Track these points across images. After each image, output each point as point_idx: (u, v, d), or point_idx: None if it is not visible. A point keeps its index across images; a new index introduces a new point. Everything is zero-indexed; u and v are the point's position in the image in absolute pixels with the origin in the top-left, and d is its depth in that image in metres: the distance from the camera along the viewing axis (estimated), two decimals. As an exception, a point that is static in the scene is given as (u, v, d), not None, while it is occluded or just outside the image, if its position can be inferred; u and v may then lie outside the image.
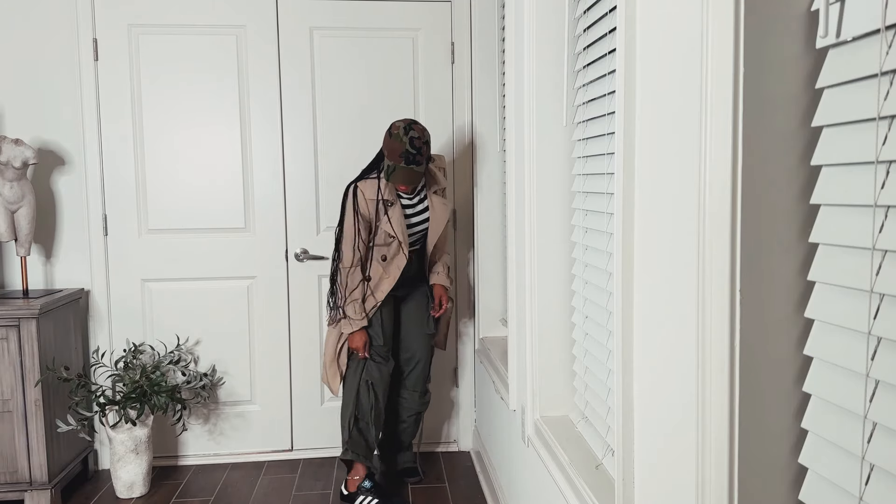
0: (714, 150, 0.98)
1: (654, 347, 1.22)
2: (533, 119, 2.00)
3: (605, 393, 1.70)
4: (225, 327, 3.36)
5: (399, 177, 2.68)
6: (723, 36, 0.95)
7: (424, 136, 2.67)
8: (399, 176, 2.68)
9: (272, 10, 3.26)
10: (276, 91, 3.29)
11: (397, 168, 2.66)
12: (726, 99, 0.94)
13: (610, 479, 1.62)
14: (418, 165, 2.66)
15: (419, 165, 2.66)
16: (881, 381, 0.80)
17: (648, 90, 1.22)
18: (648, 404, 1.26)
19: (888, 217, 0.79)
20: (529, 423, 2.11)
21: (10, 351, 2.80)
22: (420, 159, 2.65)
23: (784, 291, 0.96)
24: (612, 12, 1.59)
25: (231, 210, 3.32)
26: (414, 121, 2.70)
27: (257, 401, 3.41)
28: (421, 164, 2.67)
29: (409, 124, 2.67)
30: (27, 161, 2.94)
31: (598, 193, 1.73)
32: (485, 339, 3.19)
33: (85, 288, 3.26)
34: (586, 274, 1.82)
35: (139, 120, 3.25)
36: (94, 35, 3.18)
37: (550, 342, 2.07)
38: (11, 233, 2.99)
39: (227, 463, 3.39)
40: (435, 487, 3.11)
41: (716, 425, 1.00)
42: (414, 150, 2.63)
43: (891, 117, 0.78)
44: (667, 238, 1.16)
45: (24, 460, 2.83)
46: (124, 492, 3.02)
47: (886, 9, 0.76)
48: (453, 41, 3.35)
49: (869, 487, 0.81)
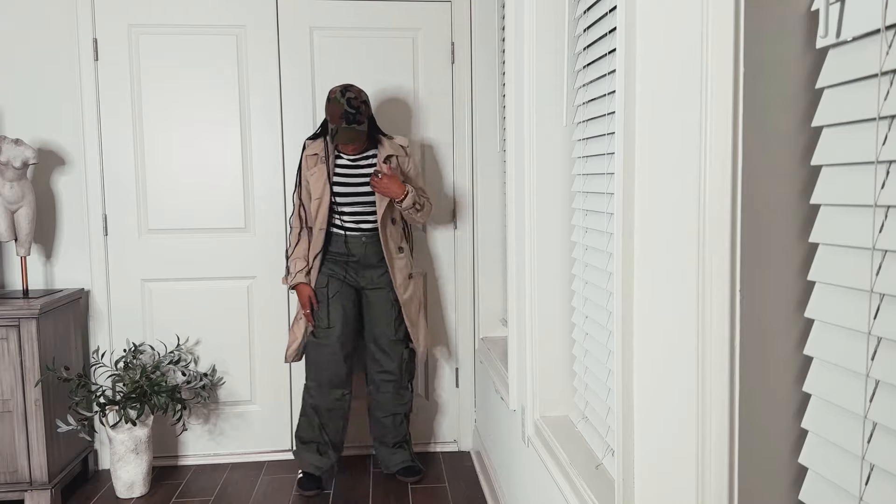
0: (714, 150, 0.98)
1: (654, 347, 1.22)
2: (533, 119, 2.00)
3: (605, 393, 1.70)
4: (225, 327, 3.36)
5: (343, 136, 2.78)
6: (723, 36, 0.94)
7: (361, 97, 2.79)
8: (343, 136, 2.78)
9: (272, 10, 3.26)
10: (276, 91, 3.29)
11: (339, 129, 2.77)
12: (726, 99, 0.94)
13: (610, 479, 1.62)
14: (359, 124, 2.77)
15: (360, 124, 2.77)
16: (881, 381, 0.80)
17: (648, 90, 1.22)
18: (648, 404, 1.26)
19: (888, 217, 0.79)
20: (529, 423, 2.11)
21: (10, 351, 2.80)
22: (360, 118, 2.76)
23: (784, 291, 0.96)
24: (612, 12, 1.59)
25: (231, 210, 3.32)
26: (350, 84, 2.84)
27: (257, 401, 3.41)
28: (362, 124, 2.78)
29: (346, 87, 2.80)
30: (27, 161, 2.94)
31: (598, 193, 1.73)
32: (485, 339, 3.19)
33: (85, 288, 3.26)
34: (586, 274, 1.82)
35: (139, 120, 3.25)
36: (94, 35, 3.18)
37: (550, 342, 2.07)
38: (11, 233, 2.99)
39: (227, 463, 3.39)
40: (435, 487, 3.11)
41: (716, 425, 1.00)
42: (353, 109, 2.75)
43: (891, 117, 0.78)
44: (667, 238, 1.16)
45: (24, 460, 2.83)
46: (124, 492, 3.02)
47: (886, 9, 0.76)
48: (453, 41, 3.35)
49: (869, 487, 0.81)
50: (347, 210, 2.92)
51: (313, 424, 3.02)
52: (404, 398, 3.11)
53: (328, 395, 3.00)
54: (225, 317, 3.36)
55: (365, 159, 2.94)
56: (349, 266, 2.98)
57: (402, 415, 3.12)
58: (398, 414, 3.11)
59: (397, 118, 3.35)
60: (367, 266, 2.98)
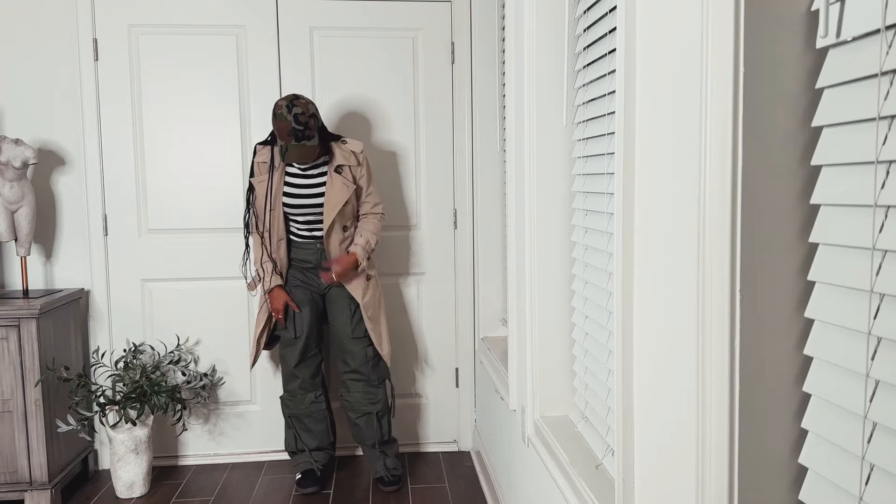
0: (714, 151, 0.98)
1: (654, 347, 1.22)
2: (533, 119, 2.00)
3: (605, 393, 1.70)
4: (225, 327, 3.36)
5: (293, 155, 2.68)
6: (723, 36, 0.94)
7: (309, 110, 2.68)
8: (293, 154, 2.68)
9: (272, 10, 3.26)
10: (276, 91, 3.29)
11: (289, 147, 2.67)
12: (726, 99, 0.94)
13: (610, 479, 1.62)
14: (309, 140, 2.66)
15: (310, 140, 2.67)
16: (881, 381, 0.80)
17: (648, 90, 1.22)
18: (648, 404, 1.26)
19: (888, 217, 0.79)
20: (529, 423, 2.11)
21: (10, 351, 2.80)
22: (310, 133, 2.66)
23: (784, 291, 0.96)
24: (612, 12, 1.59)
25: (231, 210, 3.32)
26: (296, 96, 2.71)
27: (257, 401, 3.41)
28: (312, 139, 2.67)
29: (291, 101, 2.67)
30: (27, 161, 2.94)
31: (598, 193, 1.73)
32: (485, 339, 3.19)
33: (85, 288, 3.26)
34: (586, 274, 1.82)
35: (139, 120, 3.25)
36: (94, 35, 3.18)
37: (550, 342, 2.07)
38: (11, 233, 2.99)
39: (227, 463, 3.39)
40: (435, 487, 3.11)
41: (716, 425, 1.00)
42: (301, 126, 2.64)
43: (891, 117, 0.78)
44: (667, 238, 1.16)
45: (24, 460, 2.83)
46: (124, 492, 3.02)
47: (886, 9, 0.76)
48: (453, 41, 3.35)
49: (869, 487, 0.81)
50: (300, 219, 2.90)
51: (297, 435, 3.07)
52: (376, 396, 3.02)
53: (301, 401, 3.03)
54: (225, 317, 3.36)
55: (315, 167, 2.88)
56: (307, 272, 2.99)
57: (374, 414, 3.03)
58: (370, 413, 3.02)
59: (397, 118, 3.35)
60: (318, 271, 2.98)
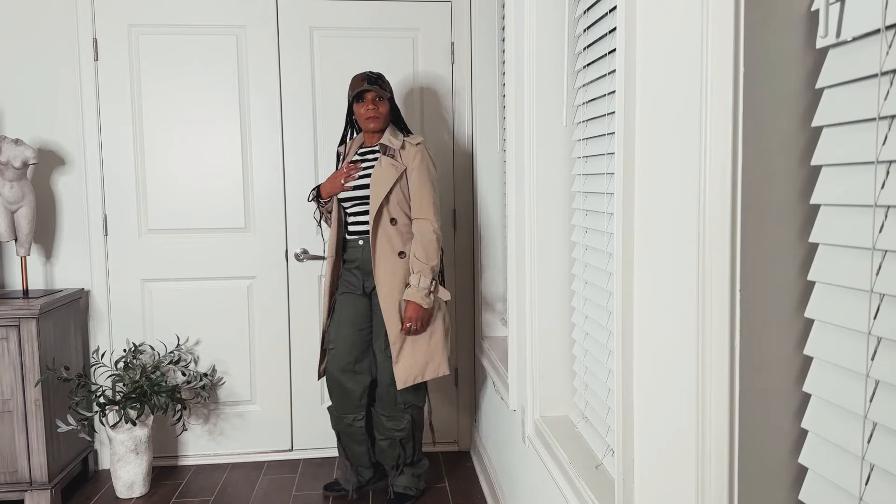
0: (714, 150, 0.98)
1: (654, 347, 1.22)
2: (533, 119, 2.00)
3: (605, 393, 1.70)
4: (225, 327, 3.36)
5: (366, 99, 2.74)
6: (723, 36, 0.94)
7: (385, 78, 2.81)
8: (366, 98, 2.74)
9: (272, 10, 3.26)
10: (276, 91, 3.29)
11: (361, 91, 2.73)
12: (726, 99, 0.94)
13: (610, 479, 1.62)
14: (382, 88, 2.74)
15: (383, 88, 2.75)
16: (881, 381, 0.80)
17: (648, 90, 1.22)
18: (648, 404, 1.26)
19: (888, 217, 0.79)
20: (529, 423, 2.11)
21: (10, 351, 2.80)
22: (382, 84, 2.76)
23: (784, 291, 0.96)
24: (612, 12, 1.59)
25: (231, 210, 3.32)
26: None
27: (257, 401, 3.41)
28: (385, 88, 2.76)
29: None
30: (27, 161, 2.94)
31: (598, 193, 1.73)
32: (485, 338, 3.19)
33: (85, 288, 3.26)
34: (586, 274, 1.82)
35: (139, 120, 3.25)
36: (94, 35, 3.18)
37: (550, 342, 2.07)
38: (11, 233, 2.99)
39: (227, 463, 3.39)
40: (435, 487, 3.11)
41: (716, 425, 1.00)
42: (374, 74, 2.77)
43: (891, 117, 0.78)
44: (667, 238, 1.16)
45: (24, 460, 2.83)
46: (124, 492, 3.02)
47: (886, 9, 0.76)
48: (453, 41, 3.35)
49: (869, 487, 0.81)
50: (349, 209, 2.82)
51: (344, 447, 2.95)
52: (398, 423, 2.81)
53: (341, 420, 2.88)
54: (225, 317, 3.36)
55: (372, 153, 2.82)
56: (352, 273, 2.84)
57: (397, 440, 2.85)
58: (394, 439, 2.85)
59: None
60: (368, 273, 2.81)
